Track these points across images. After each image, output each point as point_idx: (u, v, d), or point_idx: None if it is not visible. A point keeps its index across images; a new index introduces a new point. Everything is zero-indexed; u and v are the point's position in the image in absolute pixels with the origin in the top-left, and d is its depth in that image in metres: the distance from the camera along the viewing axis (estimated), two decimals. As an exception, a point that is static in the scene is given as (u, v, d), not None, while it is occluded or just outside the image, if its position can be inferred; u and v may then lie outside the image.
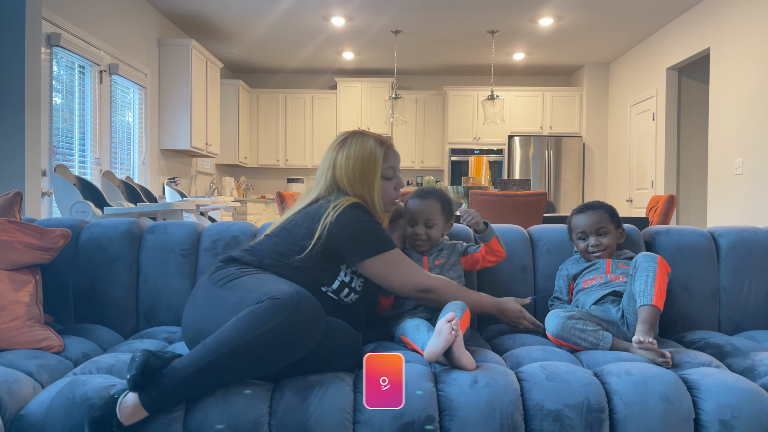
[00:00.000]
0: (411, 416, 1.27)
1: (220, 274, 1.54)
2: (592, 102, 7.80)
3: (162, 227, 1.99)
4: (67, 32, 4.12)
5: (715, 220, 5.18)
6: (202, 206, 4.40)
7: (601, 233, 1.87)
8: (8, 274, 1.63)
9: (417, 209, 1.78)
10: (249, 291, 1.40)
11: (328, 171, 1.68)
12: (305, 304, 1.32)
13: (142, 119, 5.51)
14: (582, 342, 1.57)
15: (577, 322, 1.58)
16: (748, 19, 4.72)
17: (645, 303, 1.54)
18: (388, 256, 1.58)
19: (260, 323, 1.27)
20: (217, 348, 1.26)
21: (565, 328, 1.57)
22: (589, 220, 1.89)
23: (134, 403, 1.23)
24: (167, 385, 1.24)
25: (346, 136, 1.71)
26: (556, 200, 7.73)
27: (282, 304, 1.29)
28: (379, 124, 8.10)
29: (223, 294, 1.46)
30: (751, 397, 1.31)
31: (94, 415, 1.22)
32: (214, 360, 1.25)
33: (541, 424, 1.29)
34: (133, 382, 1.22)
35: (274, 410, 1.27)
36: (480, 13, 5.76)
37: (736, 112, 4.86)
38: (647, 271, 1.58)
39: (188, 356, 1.28)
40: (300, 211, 1.65)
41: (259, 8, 5.67)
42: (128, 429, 1.22)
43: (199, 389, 1.28)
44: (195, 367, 1.25)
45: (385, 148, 1.69)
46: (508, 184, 4.57)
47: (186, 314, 1.55)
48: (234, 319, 1.30)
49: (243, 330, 1.27)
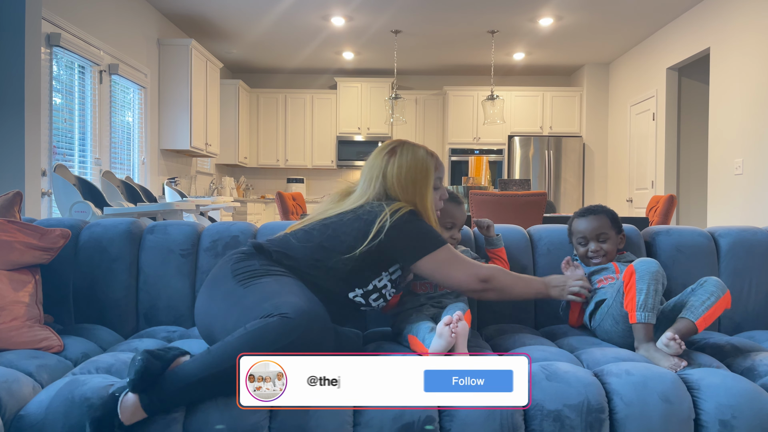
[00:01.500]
0: (411, 416, 1.27)
1: (243, 265, 1.53)
2: (592, 102, 7.80)
3: (162, 227, 1.99)
4: (67, 32, 4.12)
5: (715, 220, 5.17)
6: (202, 206, 4.40)
7: (602, 239, 1.87)
8: (8, 274, 1.63)
9: (452, 213, 1.89)
10: (264, 298, 1.39)
11: (377, 179, 1.68)
12: (315, 325, 1.32)
13: (142, 119, 5.51)
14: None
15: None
16: (748, 19, 4.72)
17: (688, 317, 1.54)
18: (443, 252, 1.61)
19: (268, 342, 1.27)
20: (222, 360, 1.26)
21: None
22: (590, 226, 1.88)
23: (134, 404, 1.23)
24: (169, 391, 1.24)
25: (395, 145, 1.72)
26: (556, 200, 7.73)
27: (292, 324, 1.29)
28: (379, 124, 8.10)
29: (240, 292, 1.45)
30: (751, 397, 1.31)
31: (95, 415, 1.22)
32: (218, 372, 1.25)
33: (541, 425, 1.29)
34: (132, 386, 1.22)
35: (275, 411, 1.27)
36: (480, 13, 5.76)
37: (736, 112, 4.86)
38: (710, 295, 1.57)
39: (192, 363, 1.28)
40: (346, 213, 1.64)
41: (259, 8, 5.67)
42: (129, 429, 1.23)
43: (199, 397, 1.28)
44: (198, 377, 1.25)
45: (435, 159, 1.73)
46: (508, 184, 4.57)
47: (201, 297, 1.56)
48: (242, 331, 1.29)
49: (249, 346, 1.26)
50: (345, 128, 8.13)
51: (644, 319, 1.55)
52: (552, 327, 1.93)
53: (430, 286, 1.78)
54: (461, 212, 1.90)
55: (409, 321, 1.66)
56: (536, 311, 1.99)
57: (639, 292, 1.56)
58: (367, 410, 1.28)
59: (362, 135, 8.13)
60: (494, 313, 1.97)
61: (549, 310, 1.98)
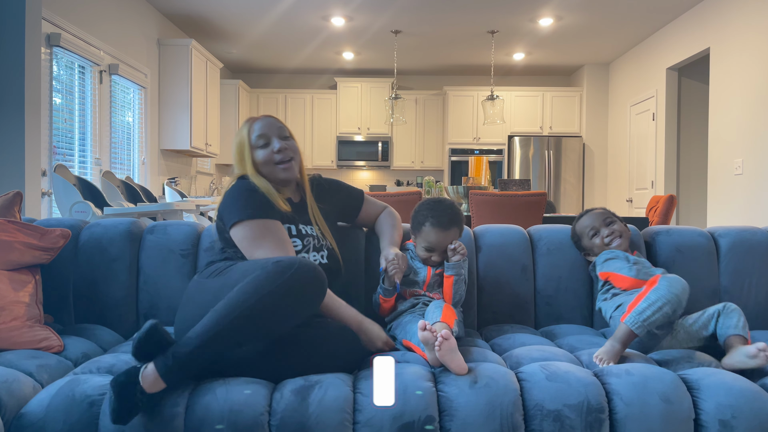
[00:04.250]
0: (411, 416, 1.27)
1: (209, 270, 1.60)
2: (592, 102, 7.80)
3: (162, 227, 1.99)
4: (67, 32, 4.12)
5: (715, 220, 5.18)
6: (202, 206, 4.39)
7: (608, 223, 1.92)
8: (8, 274, 1.63)
9: (439, 241, 1.74)
10: (248, 265, 1.45)
11: (234, 161, 1.78)
12: (306, 263, 1.37)
13: (142, 119, 5.51)
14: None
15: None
16: (748, 19, 4.72)
17: (740, 334, 1.56)
18: (245, 227, 1.58)
19: (268, 282, 1.32)
20: (229, 311, 1.29)
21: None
22: (594, 216, 1.93)
23: (154, 372, 1.25)
24: (183, 353, 1.26)
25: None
26: (556, 200, 7.73)
27: (285, 264, 1.35)
28: (379, 124, 8.10)
29: (221, 280, 1.49)
30: (751, 397, 1.32)
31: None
32: (228, 323, 1.28)
33: (541, 425, 1.29)
34: (137, 347, 1.25)
35: (274, 410, 1.27)
36: (480, 13, 5.76)
37: (736, 112, 4.86)
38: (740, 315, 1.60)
39: (201, 324, 1.30)
40: None
41: (259, 8, 5.67)
42: (150, 397, 1.24)
43: (214, 354, 1.30)
44: (209, 334, 1.28)
45: (251, 121, 1.74)
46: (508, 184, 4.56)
47: (180, 316, 1.55)
48: (241, 284, 1.34)
49: (252, 291, 1.31)
50: (345, 128, 8.13)
51: (633, 326, 1.49)
52: (552, 327, 1.93)
53: (419, 295, 1.77)
54: (443, 237, 1.73)
55: (401, 325, 1.66)
56: (536, 311, 1.99)
57: (646, 300, 1.51)
58: (367, 409, 1.28)
59: (362, 135, 8.13)
60: (494, 313, 1.97)
61: (549, 310, 1.98)
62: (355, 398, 1.31)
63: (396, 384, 1.31)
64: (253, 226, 1.57)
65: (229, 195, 1.63)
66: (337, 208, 1.88)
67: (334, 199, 1.87)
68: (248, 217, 1.57)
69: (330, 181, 1.91)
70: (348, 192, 1.92)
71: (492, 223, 3.42)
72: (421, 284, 1.78)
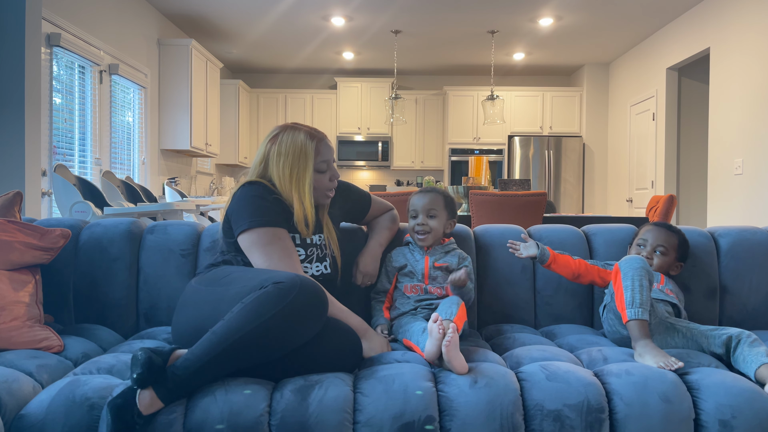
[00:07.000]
0: (411, 416, 1.27)
1: (208, 275, 1.58)
2: (592, 102, 7.80)
3: (162, 227, 1.99)
4: (67, 32, 4.12)
5: (715, 220, 5.18)
6: (202, 206, 4.39)
7: (659, 251, 1.87)
8: (8, 274, 1.63)
9: (419, 202, 1.82)
10: (248, 280, 1.43)
11: (259, 165, 1.71)
12: (308, 285, 1.36)
13: (142, 119, 5.51)
14: None
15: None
16: (748, 19, 4.72)
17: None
18: (254, 234, 1.57)
19: (268, 307, 1.30)
20: (228, 335, 1.29)
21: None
22: (655, 233, 1.89)
23: (151, 395, 1.25)
24: (183, 377, 1.26)
25: (278, 131, 1.72)
26: (556, 200, 7.73)
27: (286, 287, 1.33)
28: (379, 124, 8.10)
29: (219, 290, 1.48)
30: (751, 397, 1.31)
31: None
32: (227, 347, 1.28)
33: (541, 425, 1.29)
34: (140, 380, 1.23)
35: (274, 410, 1.27)
36: (480, 13, 5.76)
37: (736, 112, 4.86)
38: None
39: (200, 345, 1.29)
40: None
41: (259, 8, 5.67)
42: (148, 418, 1.24)
43: (213, 376, 1.30)
44: (209, 356, 1.28)
45: (318, 141, 1.71)
46: (508, 184, 4.56)
47: (178, 320, 1.55)
48: (240, 305, 1.33)
49: (252, 315, 1.30)
50: (345, 128, 8.13)
51: (635, 316, 1.53)
52: (552, 327, 1.93)
53: (420, 289, 1.77)
54: (431, 200, 1.81)
55: (402, 326, 1.67)
56: (536, 311, 1.99)
57: (625, 290, 1.57)
58: (366, 409, 1.28)
59: (362, 135, 8.13)
60: (494, 313, 1.97)
61: (549, 310, 1.98)
62: (355, 398, 1.31)
63: (396, 384, 1.31)
64: (261, 234, 1.57)
65: (241, 199, 1.62)
66: (344, 211, 1.88)
67: (343, 204, 1.87)
68: (258, 225, 1.57)
69: (339, 185, 1.90)
70: (357, 197, 1.92)
71: (492, 223, 3.42)
72: (420, 276, 1.78)
